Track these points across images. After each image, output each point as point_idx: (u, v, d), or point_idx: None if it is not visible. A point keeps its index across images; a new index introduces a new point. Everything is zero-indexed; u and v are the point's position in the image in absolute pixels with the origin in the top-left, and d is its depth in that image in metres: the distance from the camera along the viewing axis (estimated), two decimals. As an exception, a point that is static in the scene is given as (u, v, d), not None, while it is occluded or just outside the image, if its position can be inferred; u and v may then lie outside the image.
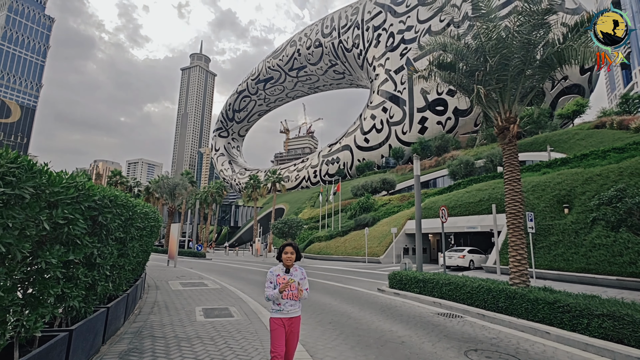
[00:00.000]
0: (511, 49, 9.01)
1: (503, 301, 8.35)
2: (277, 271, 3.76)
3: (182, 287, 12.06)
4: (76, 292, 3.79)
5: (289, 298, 3.65)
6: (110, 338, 5.49)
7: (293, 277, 3.69)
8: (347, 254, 32.47)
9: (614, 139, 30.68)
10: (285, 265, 3.76)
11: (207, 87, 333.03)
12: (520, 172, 9.72)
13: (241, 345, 5.50)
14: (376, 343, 6.17)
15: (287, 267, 3.75)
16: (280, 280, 3.67)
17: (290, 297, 3.66)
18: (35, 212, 2.67)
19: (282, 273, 3.73)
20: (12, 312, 2.84)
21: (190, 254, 36.40)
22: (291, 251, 3.75)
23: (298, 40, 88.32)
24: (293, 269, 3.78)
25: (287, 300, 3.65)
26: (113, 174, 54.36)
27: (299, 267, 3.86)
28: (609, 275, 14.65)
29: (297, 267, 3.84)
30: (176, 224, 23.91)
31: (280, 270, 3.76)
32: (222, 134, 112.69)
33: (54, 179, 2.98)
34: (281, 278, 3.69)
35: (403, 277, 12.17)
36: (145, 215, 6.95)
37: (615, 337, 6.16)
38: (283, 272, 3.74)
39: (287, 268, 3.75)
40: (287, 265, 3.75)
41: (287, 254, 3.73)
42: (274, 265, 3.87)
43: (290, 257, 3.73)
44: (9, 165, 2.39)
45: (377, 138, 66.96)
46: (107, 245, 4.51)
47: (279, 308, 3.64)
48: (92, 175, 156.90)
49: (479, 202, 25.30)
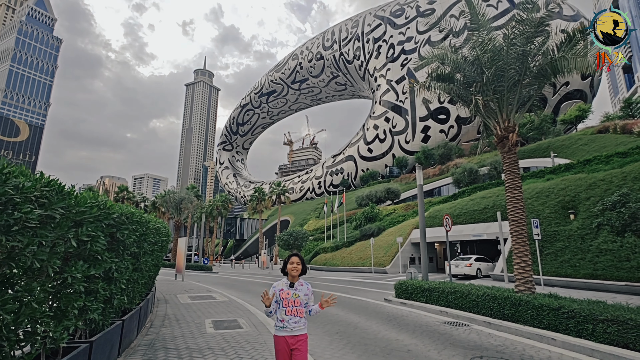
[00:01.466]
0: (507, 61, 9.29)
1: (508, 308, 8.42)
2: (281, 285, 3.54)
3: (190, 301, 12.23)
4: (96, 305, 4.02)
5: (293, 314, 3.41)
6: (124, 350, 5.68)
7: (297, 292, 3.49)
8: (353, 265, 32.40)
9: (617, 143, 30.65)
10: (289, 279, 3.56)
11: (210, 101, 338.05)
12: (521, 180, 9.88)
13: (251, 355, 5.66)
14: (382, 352, 6.28)
15: (292, 281, 3.54)
16: (283, 295, 3.46)
17: (294, 313, 3.42)
18: (64, 231, 2.93)
19: (286, 287, 3.52)
20: (41, 324, 3.07)
21: (197, 268, 36.53)
22: (297, 261, 3.57)
23: (300, 54, 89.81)
24: (298, 283, 3.57)
25: (291, 317, 3.40)
26: (120, 189, 55.02)
27: (305, 282, 3.64)
28: (617, 281, 14.56)
29: (303, 282, 3.62)
30: (183, 238, 24.17)
31: (284, 285, 3.54)
32: (227, 147, 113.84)
33: (80, 200, 3.24)
34: (285, 293, 3.48)
35: (409, 287, 12.23)
36: (157, 231, 7.21)
37: (621, 342, 6.22)
38: (287, 287, 3.52)
39: (292, 283, 3.54)
40: (291, 276, 3.54)
41: (292, 264, 3.55)
42: (280, 278, 3.72)
43: (296, 268, 3.53)
44: (43, 189, 2.66)
45: (381, 148, 67.31)
46: (123, 260, 4.76)
47: (282, 325, 3.40)
48: (100, 191, 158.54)
49: (484, 209, 25.30)
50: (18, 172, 2.46)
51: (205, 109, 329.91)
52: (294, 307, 3.44)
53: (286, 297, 3.46)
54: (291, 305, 3.43)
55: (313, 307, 3.59)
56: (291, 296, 3.46)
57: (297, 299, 3.46)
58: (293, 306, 3.44)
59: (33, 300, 2.70)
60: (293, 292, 3.49)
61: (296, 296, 3.46)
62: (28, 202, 2.43)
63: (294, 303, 3.44)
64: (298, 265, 3.56)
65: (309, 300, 3.58)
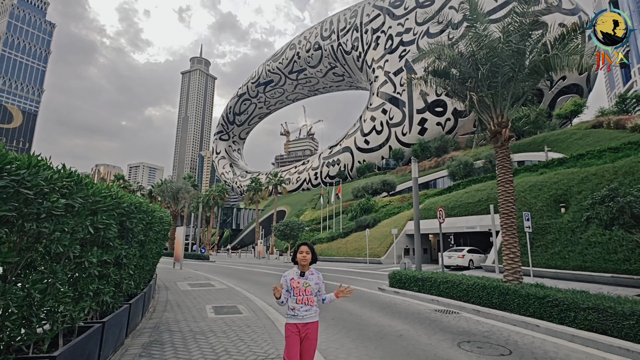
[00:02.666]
0: (501, 57, 9.49)
1: (497, 297, 8.80)
2: (292, 275, 3.60)
3: (190, 288, 12.55)
4: (108, 288, 4.28)
5: (304, 303, 3.48)
6: (131, 332, 5.98)
7: (308, 281, 3.55)
8: (348, 255, 32.91)
9: (610, 138, 31.10)
10: (300, 268, 3.60)
11: (207, 90, 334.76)
12: (513, 174, 10.18)
13: (251, 338, 5.99)
14: (376, 336, 6.63)
15: (302, 270, 3.59)
16: (294, 284, 3.52)
17: (305, 302, 3.49)
18: (82, 219, 3.16)
19: (297, 277, 3.56)
20: (62, 304, 3.33)
21: (195, 257, 36.90)
22: (306, 250, 3.59)
23: (297, 44, 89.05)
24: (309, 272, 3.61)
25: (302, 305, 3.47)
26: (116, 178, 54.94)
27: (315, 271, 3.69)
28: (604, 273, 15.04)
29: (313, 271, 3.67)
30: (181, 227, 24.43)
31: (294, 274, 3.59)
32: (223, 137, 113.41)
33: (96, 190, 3.47)
34: (295, 282, 3.54)
35: (403, 277, 12.62)
36: (161, 220, 7.46)
37: (600, 329, 6.60)
38: (298, 276, 3.57)
39: (302, 272, 3.58)
40: (302, 265, 3.58)
41: (302, 254, 3.58)
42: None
43: (305, 257, 3.56)
44: (65, 180, 2.88)
45: (377, 140, 67.48)
46: (131, 247, 5.01)
47: (294, 313, 3.47)
48: (95, 179, 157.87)
49: (478, 202, 25.75)
50: (46, 165, 2.68)
51: (202, 98, 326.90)
52: (305, 296, 3.50)
53: (297, 286, 3.51)
54: (302, 294, 3.50)
55: (327, 296, 3.68)
56: (302, 285, 3.51)
57: (308, 287, 3.52)
58: (304, 295, 3.50)
59: (57, 282, 2.95)
60: (304, 281, 3.54)
61: (307, 285, 3.52)
62: (54, 192, 2.66)
63: (304, 292, 3.50)
64: (307, 255, 3.59)
65: (321, 289, 3.64)
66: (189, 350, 5.22)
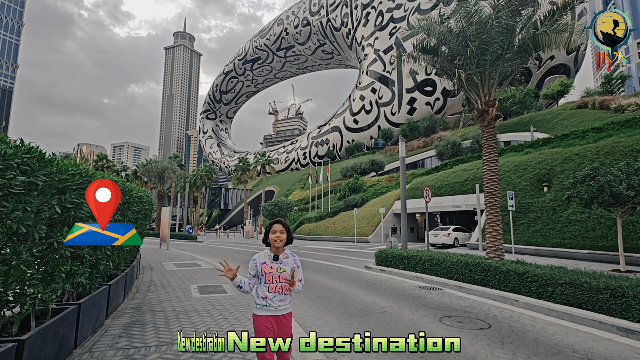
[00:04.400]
0: (491, 34, 9.32)
1: (479, 274, 9.01)
2: (263, 258, 2.97)
3: (176, 268, 12.48)
4: (82, 269, 4.15)
5: (277, 292, 2.90)
6: (112, 313, 5.90)
7: (283, 266, 2.94)
8: (336, 234, 33.27)
9: (595, 118, 31.59)
10: (273, 251, 2.99)
11: (192, 67, 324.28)
12: (498, 154, 10.23)
13: (235, 317, 5.98)
14: (360, 313, 6.72)
15: (276, 253, 2.98)
16: (266, 270, 2.92)
17: (279, 290, 2.91)
18: (48, 197, 2.99)
19: (270, 261, 2.95)
20: (30, 286, 3.19)
21: (182, 237, 36.73)
22: (280, 229, 2.97)
23: (285, 19, 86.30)
24: (283, 255, 3.00)
25: (275, 294, 2.89)
26: (99, 157, 53.50)
27: (291, 254, 3.06)
28: (582, 250, 15.59)
29: (289, 254, 3.05)
30: (167, 207, 24.11)
31: (266, 257, 2.97)
32: (210, 116, 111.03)
33: (61, 167, 3.27)
34: (268, 267, 2.93)
35: (389, 255, 12.80)
36: (140, 199, 7.25)
37: (575, 303, 6.83)
38: (270, 260, 2.95)
39: (276, 255, 2.97)
40: (275, 247, 2.97)
41: (275, 233, 2.95)
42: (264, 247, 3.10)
43: (279, 237, 2.94)
44: (24, 156, 2.68)
45: (366, 119, 67.09)
46: (107, 227, 4.84)
47: (265, 303, 2.88)
48: (77, 159, 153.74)
49: (464, 181, 26.09)
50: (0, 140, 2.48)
51: (187, 75, 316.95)
52: (279, 284, 2.91)
53: (269, 271, 2.92)
54: (275, 281, 2.91)
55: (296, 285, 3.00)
56: (275, 270, 2.92)
57: (283, 273, 2.92)
58: (277, 282, 2.91)
59: (21, 263, 2.81)
60: (277, 265, 2.94)
61: (281, 270, 2.93)
62: (11, 169, 2.47)
63: (278, 279, 2.91)
64: (282, 234, 2.97)
65: (297, 275, 3.03)
66: (170, 330, 5.18)
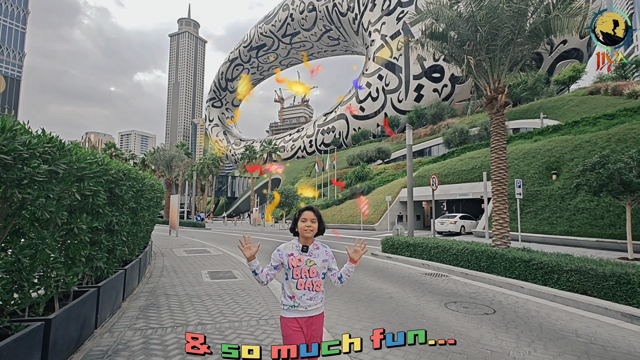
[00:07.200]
0: (501, 18, 9.15)
1: (485, 261, 9.09)
2: (290, 249, 2.56)
3: (186, 254, 12.78)
4: (101, 254, 4.33)
5: (307, 288, 2.48)
6: (128, 296, 6.13)
7: (313, 259, 2.54)
8: (343, 222, 33.49)
9: (607, 105, 30.91)
10: (301, 241, 2.58)
11: (197, 54, 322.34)
12: (506, 141, 10.17)
13: (246, 300, 6.18)
14: (367, 299, 6.88)
15: (305, 244, 2.56)
16: (294, 263, 2.51)
17: (309, 286, 2.48)
18: (68, 185, 3.11)
19: (297, 252, 2.54)
20: (53, 269, 3.36)
21: (190, 225, 37.30)
22: (312, 218, 2.56)
23: (291, 4, 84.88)
24: (313, 246, 2.59)
25: (305, 292, 2.47)
26: (107, 146, 54.17)
27: (322, 245, 2.65)
28: (590, 238, 15.55)
29: (319, 245, 2.64)
30: (175, 195, 24.48)
31: (294, 248, 2.56)
32: (216, 104, 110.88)
33: (80, 156, 3.39)
34: (295, 259, 2.51)
35: (395, 242, 12.92)
36: (152, 187, 7.42)
37: (580, 289, 6.90)
38: (299, 251, 2.55)
39: (304, 246, 2.55)
40: (304, 237, 2.56)
41: (305, 222, 2.55)
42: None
43: (310, 227, 2.54)
44: (46, 145, 2.79)
45: (373, 106, 66.47)
46: (122, 214, 5.01)
47: (293, 303, 2.47)
48: (86, 148, 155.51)
49: (472, 169, 25.94)
50: (24, 130, 2.59)
51: (192, 63, 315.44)
52: (309, 279, 2.49)
53: (297, 265, 2.51)
54: (305, 277, 2.49)
55: (343, 269, 2.63)
56: (304, 264, 2.51)
57: (313, 267, 2.52)
58: (307, 277, 2.50)
59: (46, 247, 2.96)
60: (307, 258, 2.53)
61: (311, 264, 2.52)
62: (34, 157, 2.59)
63: (308, 273, 2.50)
64: (313, 224, 2.56)
65: (331, 267, 2.63)
66: (185, 312, 5.39)
